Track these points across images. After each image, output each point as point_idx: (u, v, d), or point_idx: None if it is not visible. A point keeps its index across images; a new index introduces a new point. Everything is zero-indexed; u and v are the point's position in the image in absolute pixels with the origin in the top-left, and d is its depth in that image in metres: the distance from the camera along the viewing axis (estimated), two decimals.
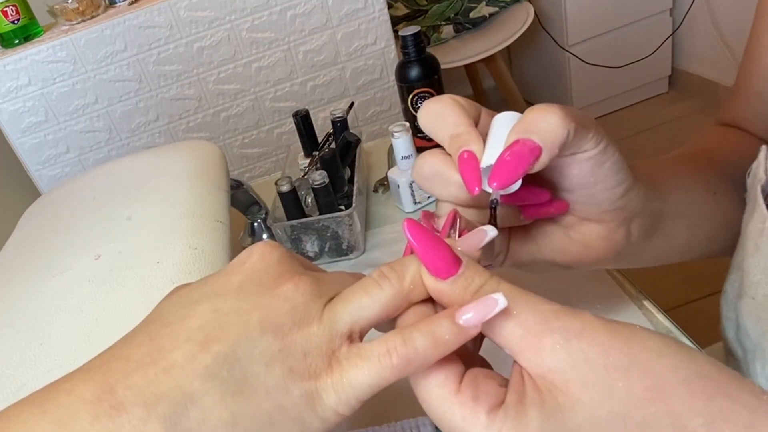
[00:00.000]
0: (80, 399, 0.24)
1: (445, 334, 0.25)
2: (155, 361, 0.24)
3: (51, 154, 1.42)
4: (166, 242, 0.49)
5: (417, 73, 0.82)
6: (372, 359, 0.25)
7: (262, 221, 0.77)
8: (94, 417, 0.23)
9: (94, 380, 0.24)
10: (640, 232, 0.38)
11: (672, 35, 2.19)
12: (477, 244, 0.29)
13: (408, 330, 0.25)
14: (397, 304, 0.27)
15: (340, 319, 0.26)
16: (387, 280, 0.27)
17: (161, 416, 0.23)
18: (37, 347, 0.43)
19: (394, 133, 0.71)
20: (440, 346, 0.25)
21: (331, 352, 0.26)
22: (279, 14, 1.39)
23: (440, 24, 2.07)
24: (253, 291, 0.26)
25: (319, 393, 0.25)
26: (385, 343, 0.25)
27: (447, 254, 0.27)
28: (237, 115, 1.49)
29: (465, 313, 0.25)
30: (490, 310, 0.25)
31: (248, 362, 0.25)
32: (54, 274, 0.50)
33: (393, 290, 0.27)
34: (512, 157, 0.30)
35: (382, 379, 0.25)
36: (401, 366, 0.25)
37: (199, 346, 0.25)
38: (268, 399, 0.24)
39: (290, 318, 0.26)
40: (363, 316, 0.27)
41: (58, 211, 0.61)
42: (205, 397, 0.24)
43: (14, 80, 1.32)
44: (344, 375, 0.25)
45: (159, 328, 0.26)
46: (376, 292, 0.27)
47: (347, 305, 0.27)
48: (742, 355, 0.44)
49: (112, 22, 1.31)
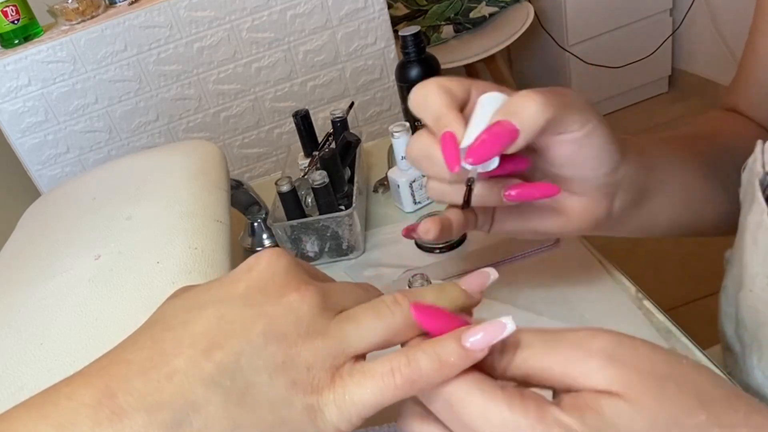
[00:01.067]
0: (81, 404, 0.23)
1: (451, 357, 0.25)
2: (157, 366, 0.24)
3: (51, 154, 1.42)
4: (166, 242, 0.49)
5: (417, 73, 0.82)
6: (375, 378, 0.25)
7: (262, 221, 0.77)
8: (94, 422, 0.23)
9: (95, 384, 0.24)
10: (623, 206, 0.40)
11: (672, 35, 2.19)
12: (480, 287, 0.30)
13: (413, 350, 0.25)
14: (406, 334, 0.27)
15: (348, 338, 0.26)
16: (400, 308, 0.27)
17: (162, 423, 0.23)
18: (37, 347, 0.43)
19: (394, 133, 0.71)
20: (445, 368, 0.25)
21: (334, 369, 0.26)
22: (279, 14, 1.39)
23: (440, 24, 2.07)
24: (259, 299, 0.26)
25: (321, 408, 0.25)
26: (389, 363, 0.25)
27: (454, 325, 0.27)
28: (237, 115, 1.49)
29: (472, 335, 0.25)
30: (498, 334, 0.25)
31: (251, 372, 0.24)
32: (54, 274, 0.50)
33: (404, 320, 0.27)
34: (489, 136, 0.33)
35: (384, 398, 0.25)
36: (405, 386, 0.25)
37: (202, 353, 0.24)
38: (271, 410, 0.24)
39: (295, 329, 0.25)
40: (371, 339, 0.26)
41: (58, 211, 0.61)
42: (207, 405, 0.24)
43: (14, 80, 1.32)
44: (347, 392, 0.25)
45: (162, 332, 0.26)
46: (388, 319, 0.27)
47: (358, 327, 0.26)
48: (740, 350, 0.45)
49: (112, 22, 1.31)
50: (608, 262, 0.58)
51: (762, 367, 0.42)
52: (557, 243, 0.60)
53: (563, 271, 0.58)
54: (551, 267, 0.58)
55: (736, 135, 0.50)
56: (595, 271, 0.57)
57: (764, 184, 0.40)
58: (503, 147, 0.33)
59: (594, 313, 0.52)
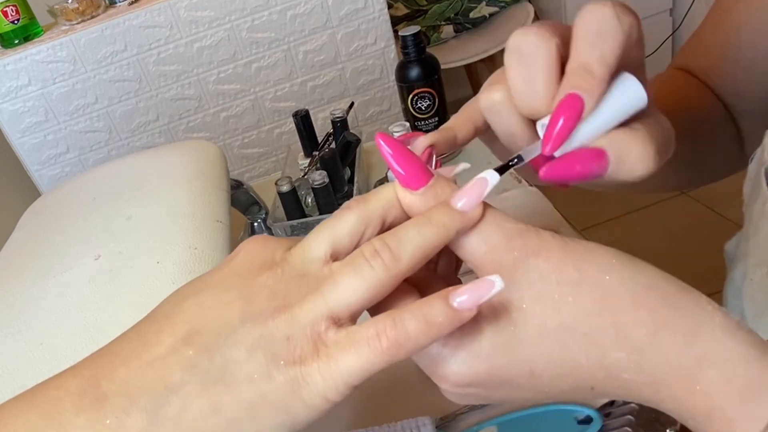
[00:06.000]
0: (67, 392, 0.24)
1: (438, 317, 0.24)
2: (140, 356, 0.25)
3: (51, 154, 1.42)
4: (166, 242, 0.49)
5: (417, 73, 0.82)
6: (361, 343, 0.24)
7: (262, 221, 0.77)
8: (78, 408, 0.24)
9: (82, 375, 0.25)
10: None
11: (672, 35, 2.19)
12: (478, 198, 0.27)
13: (399, 312, 0.24)
14: (390, 286, 0.26)
15: (325, 301, 0.25)
16: (380, 260, 0.25)
17: (143, 406, 0.24)
18: (37, 347, 0.43)
19: (394, 133, 0.71)
20: (433, 330, 0.24)
21: (316, 335, 0.24)
22: (279, 14, 1.39)
23: (440, 24, 2.07)
24: (236, 283, 0.26)
25: (305, 379, 0.24)
26: (374, 326, 0.24)
27: (418, 165, 0.27)
28: (237, 115, 1.48)
29: (459, 295, 0.25)
30: (485, 292, 0.24)
31: (229, 350, 0.24)
32: (54, 274, 0.50)
33: (386, 272, 0.25)
34: (581, 168, 0.28)
35: (371, 363, 0.24)
36: (392, 350, 0.24)
37: (181, 340, 0.25)
38: (250, 386, 0.24)
39: (270, 304, 0.25)
40: (352, 299, 0.25)
41: (58, 211, 0.61)
42: (185, 386, 0.24)
43: (14, 80, 1.32)
44: (331, 360, 0.24)
45: (146, 325, 0.27)
46: (368, 274, 0.25)
47: (335, 287, 0.25)
48: None
49: (112, 22, 1.31)
50: None
51: None
52: None
53: None
54: None
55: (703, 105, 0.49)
56: None
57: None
58: (581, 181, 0.29)
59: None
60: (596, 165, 0.28)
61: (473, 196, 0.26)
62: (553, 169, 0.29)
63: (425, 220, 0.26)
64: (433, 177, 0.27)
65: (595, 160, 0.28)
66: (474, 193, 0.26)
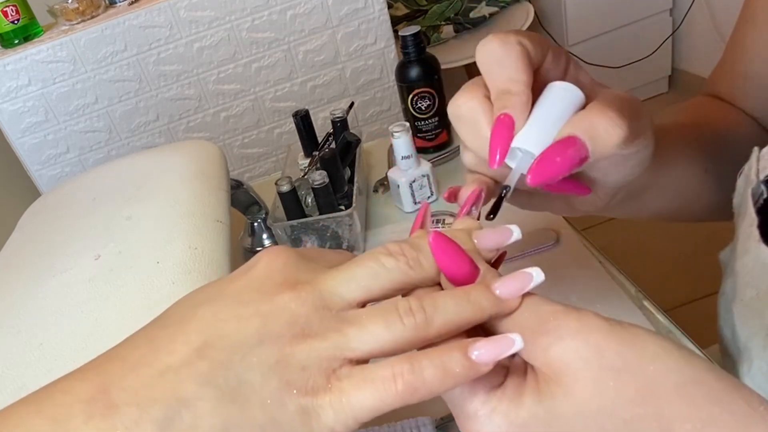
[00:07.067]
0: (75, 398, 0.24)
1: (456, 368, 0.24)
2: (150, 363, 0.24)
3: (51, 154, 1.42)
4: (166, 242, 0.49)
5: (417, 73, 0.82)
6: (376, 382, 0.24)
7: (262, 221, 0.77)
8: (87, 416, 0.23)
9: (91, 380, 0.24)
10: (622, 199, 0.40)
11: (672, 35, 2.19)
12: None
13: (417, 357, 0.25)
14: (413, 346, 0.26)
15: (348, 342, 0.25)
16: (413, 320, 0.25)
17: (154, 418, 0.23)
18: (37, 347, 0.43)
19: (394, 133, 0.71)
20: (449, 379, 0.24)
21: (331, 370, 0.25)
22: (279, 14, 1.39)
23: (440, 24, 2.07)
24: (254, 297, 0.26)
25: (316, 410, 0.24)
26: (391, 368, 0.24)
27: (468, 268, 0.27)
28: (237, 115, 1.48)
29: (478, 348, 0.25)
30: (505, 350, 0.25)
31: (244, 371, 0.24)
32: (54, 274, 0.50)
33: (415, 333, 0.25)
34: (562, 159, 0.29)
35: (384, 403, 0.24)
36: (406, 393, 0.24)
37: (195, 351, 0.24)
38: (263, 411, 0.24)
39: (289, 329, 0.25)
40: (374, 347, 0.25)
41: (58, 211, 0.61)
42: (198, 402, 0.23)
43: (14, 80, 1.32)
44: (344, 395, 0.24)
45: (157, 330, 0.26)
46: (398, 331, 0.25)
47: (361, 332, 0.25)
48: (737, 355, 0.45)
49: (112, 22, 1.31)
50: (608, 262, 0.58)
51: (751, 376, 0.42)
52: (557, 243, 0.60)
53: (563, 271, 0.58)
54: (551, 267, 0.58)
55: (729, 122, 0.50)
56: (595, 271, 0.57)
57: (756, 194, 0.39)
58: (570, 171, 0.30)
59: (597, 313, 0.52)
60: (573, 150, 0.30)
61: (514, 288, 0.27)
62: (538, 171, 0.30)
63: (464, 296, 0.26)
64: (479, 273, 0.28)
65: (569, 146, 0.30)
66: (516, 286, 0.27)
